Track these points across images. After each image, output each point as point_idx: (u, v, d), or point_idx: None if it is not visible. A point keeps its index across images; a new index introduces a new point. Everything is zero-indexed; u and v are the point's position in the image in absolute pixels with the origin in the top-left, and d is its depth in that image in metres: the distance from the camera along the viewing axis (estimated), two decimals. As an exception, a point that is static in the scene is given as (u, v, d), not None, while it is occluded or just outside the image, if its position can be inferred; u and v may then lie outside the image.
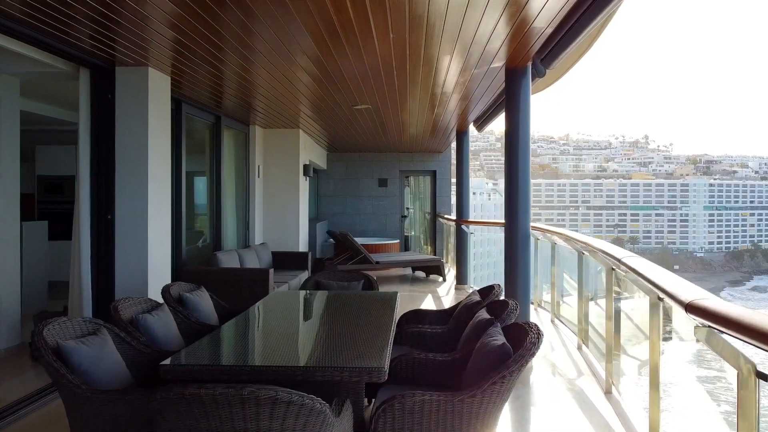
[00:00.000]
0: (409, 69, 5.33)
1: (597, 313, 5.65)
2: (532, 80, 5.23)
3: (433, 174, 13.93)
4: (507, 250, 5.21)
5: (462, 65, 5.25)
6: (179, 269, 6.51)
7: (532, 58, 4.97)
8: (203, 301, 3.94)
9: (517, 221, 5.12)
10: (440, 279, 10.37)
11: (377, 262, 9.90)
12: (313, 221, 11.73)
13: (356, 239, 11.83)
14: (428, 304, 8.17)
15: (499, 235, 9.87)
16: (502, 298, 3.74)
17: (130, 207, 5.11)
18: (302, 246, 9.76)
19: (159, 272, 5.37)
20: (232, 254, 7.08)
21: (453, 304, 8.44)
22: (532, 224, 5.31)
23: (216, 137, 7.83)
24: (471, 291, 4.06)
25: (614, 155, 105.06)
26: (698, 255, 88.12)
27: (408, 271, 11.38)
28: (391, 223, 13.78)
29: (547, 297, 7.64)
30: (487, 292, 3.89)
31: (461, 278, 9.49)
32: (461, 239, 9.62)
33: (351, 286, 4.74)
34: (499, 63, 5.13)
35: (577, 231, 7.08)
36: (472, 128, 9.71)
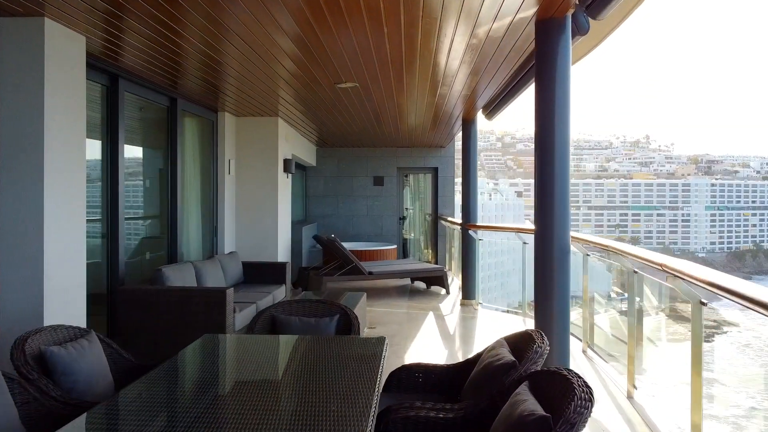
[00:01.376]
0: (404, 26, 3.95)
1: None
2: (572, 38, 3.86)
3: (435, 171, 12.55)
4: (539, 268, 3.83)
5: (475, 19, 3.87)
6: (115, 289, 5.14)
7: (574, 4, 3.60)
8: (85, 358, 2.56)
9: (553, 231, 3.74)
10: (443, 291, 9.00)
11: (371, 273, 8.52)
12: (299, 224, 10.33)
13: (348, 244, 10.45)
14: (430, 326, 6.79)
15: (507, 237, 8.54)
16: (541, 362, 2.36)
17: (16, 211, 3.70)
18: (282, 255, 8.37)
19: (66, 296, 3.98)
20: (185, 268, 5.69)
21: (459, 324, 7.12)
22: (572, 234, 3.95)
23: (171, 124, 6.45)
24: (495, 341, 2.66)
25: (615, 155, 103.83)
26: (700, 255, 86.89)
27: (406, 281, 10.00)
28: (388, 225, 12.39)
29: (572, 316, 6.28)
30: (521, 346, 2.49)
31: (467, 292, 8.11)
32: (468, 246, 8.23)
33: (320, 326, 3.32)
34: (526, 12, 3.75)
35: (578, 231, 5.85)
36: (479, 119, 8.40)
